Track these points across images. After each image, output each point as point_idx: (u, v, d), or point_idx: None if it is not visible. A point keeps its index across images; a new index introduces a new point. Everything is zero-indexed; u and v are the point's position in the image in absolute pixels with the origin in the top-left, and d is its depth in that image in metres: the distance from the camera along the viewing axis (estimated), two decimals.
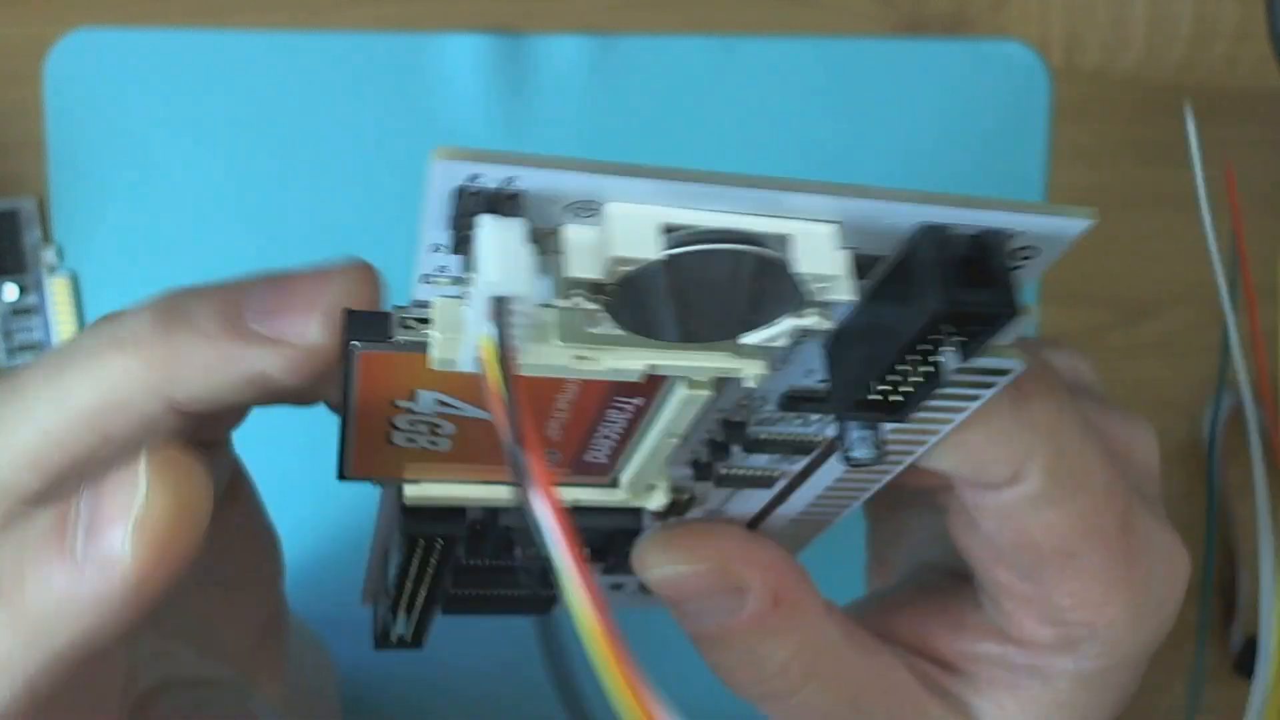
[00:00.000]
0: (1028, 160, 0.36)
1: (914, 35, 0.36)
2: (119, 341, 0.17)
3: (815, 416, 0.18)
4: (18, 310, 0.34)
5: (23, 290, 0.34)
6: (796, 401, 0.17)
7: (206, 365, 0.17)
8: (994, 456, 0.18)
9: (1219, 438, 0.37)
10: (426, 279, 0.15)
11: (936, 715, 0.21)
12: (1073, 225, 0.14)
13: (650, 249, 0.13)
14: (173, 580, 0.15)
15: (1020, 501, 0.19)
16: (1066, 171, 0.36)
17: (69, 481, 0.17)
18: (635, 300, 0.14)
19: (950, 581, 0.23)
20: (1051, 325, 0.37)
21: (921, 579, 0.24)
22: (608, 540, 0.20)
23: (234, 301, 0.17)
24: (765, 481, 0.20)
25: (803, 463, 0.19)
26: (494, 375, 0.13)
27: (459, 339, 0.14)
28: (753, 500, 0.21)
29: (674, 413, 0.16)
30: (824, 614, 0.21)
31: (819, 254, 0.14)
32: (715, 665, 0.21)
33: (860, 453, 0.17)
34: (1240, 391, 0.34)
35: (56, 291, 0.34)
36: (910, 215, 0.14)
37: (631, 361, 0.15)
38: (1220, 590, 0.38)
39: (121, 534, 0.15)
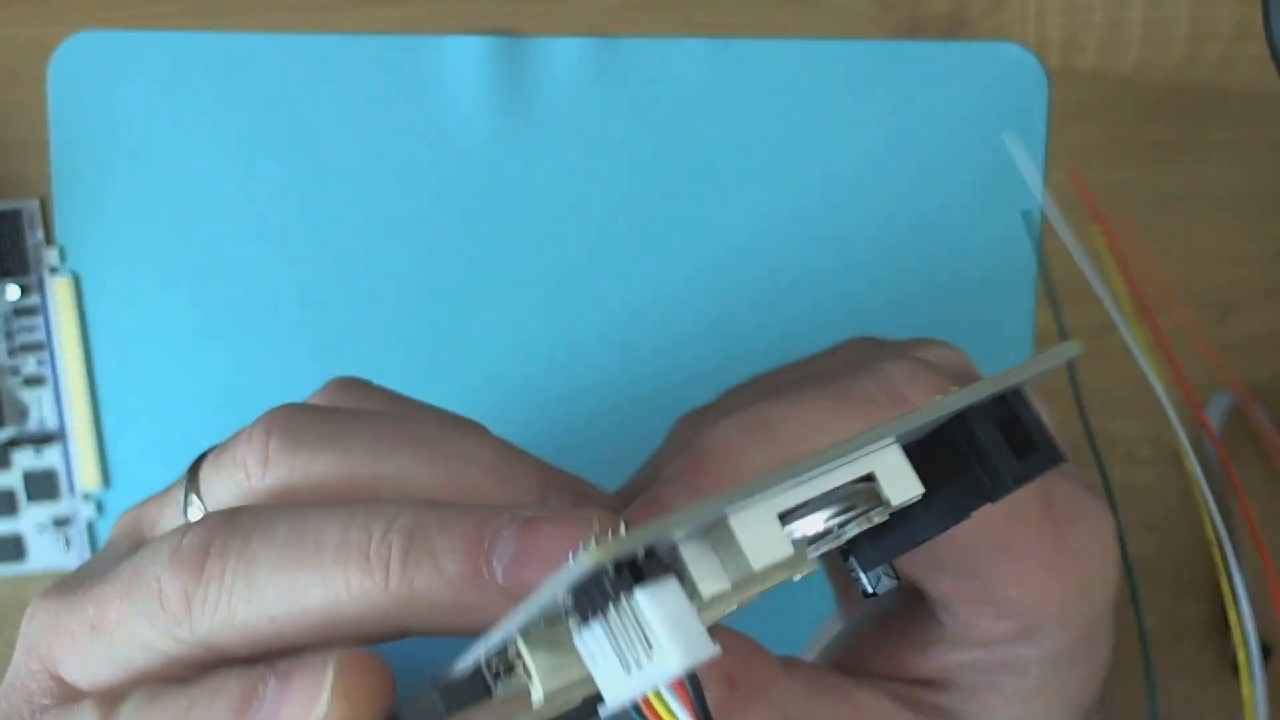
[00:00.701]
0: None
1: (912, 38, 0.36)
2: (362, 555, 0.17)
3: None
4: (19, 310, 0.34)
5: (24, 290, 0.34)
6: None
7: (443, 608, 0.16)
8: None
9: (1219, 438, 0.37)
10: (524, 630, 0.14)
11: None
12: (1066, 354, 0.15)
13: (784, 548, 0.14)
14: None
15: None
16: (1064, 173, 0.36)
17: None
18: None
19: (909, 599, 0.23)
20: (1052, 325, 0.37)
21: (881, 605, 0.24)
22: None
23: (478, 540, 0.17)
24: None
25: None
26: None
27: (577, 668, 0.14)
28: None
29: None
30: (784, 676, 0.21)
31: (900, 483, 0.15)
32: None
33: (885, 586, 0.18)
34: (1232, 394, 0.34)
35: (58, 292, 0.34)
36: (947, 407, 0.15)
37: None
38: (1219, 589, 0.38)
39: None
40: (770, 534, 0.14)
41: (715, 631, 0.21)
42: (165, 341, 0.34)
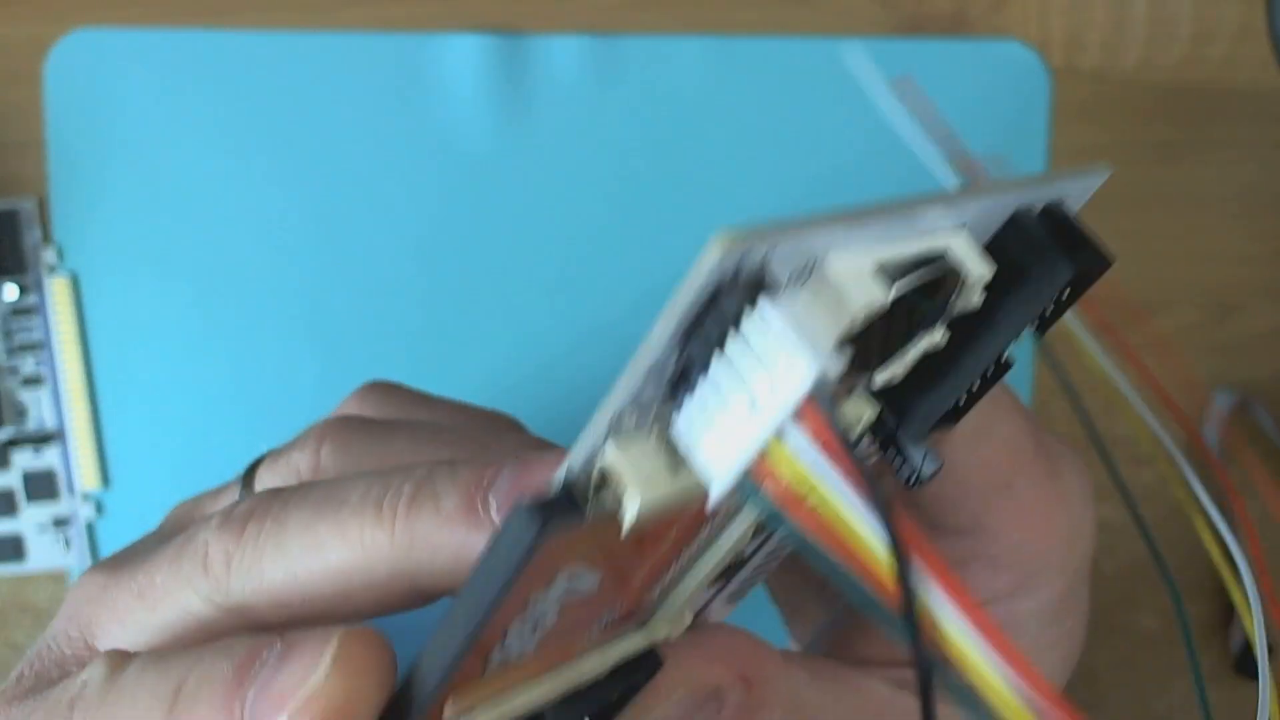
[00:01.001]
0: (1028, 161, 0.36)
1: (914, 36, 0.36)
2: (376, 506, 0.17)
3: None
4: (18, 310, 0.34)
5: (23, 290, 0.34)
6: None
7: (441, 550, 0.16)
8: None
9: (1219, 438, 0.37)
10: (617, 420, 0.13)
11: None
12: (1097, 180, 0.15)
13: (881, 292, 0.13)
14: None
15: (955, 443, 0.19)
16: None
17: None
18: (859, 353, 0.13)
19: None
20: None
21: None
22: (627, 693, 0.19)
23: (479, 480, 0.17)
24: (738, 566, 0.19)
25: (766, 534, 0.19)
26: (801, 481, 0.11)
27: (670, 474, 0.13)
28: (709, 590, 0.20)
29: (741, 528, 0.16)
30: (788, 668, 0.21)
31: (973, 259, 0.14)
32: None
33: (931, 466, 0.16)
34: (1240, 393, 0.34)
35: (56, 291, 0.34)
36: (1006, 204, 0.14)
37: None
38: (1221, 590, 0.38)
39: (289, 710, 0.15)
40: (867, 276, 0.12)
41: (721, 630, 0.21)
42: (164, 340, 0.34)
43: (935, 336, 0.14)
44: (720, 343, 0.12)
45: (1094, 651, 0.24)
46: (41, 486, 0.34)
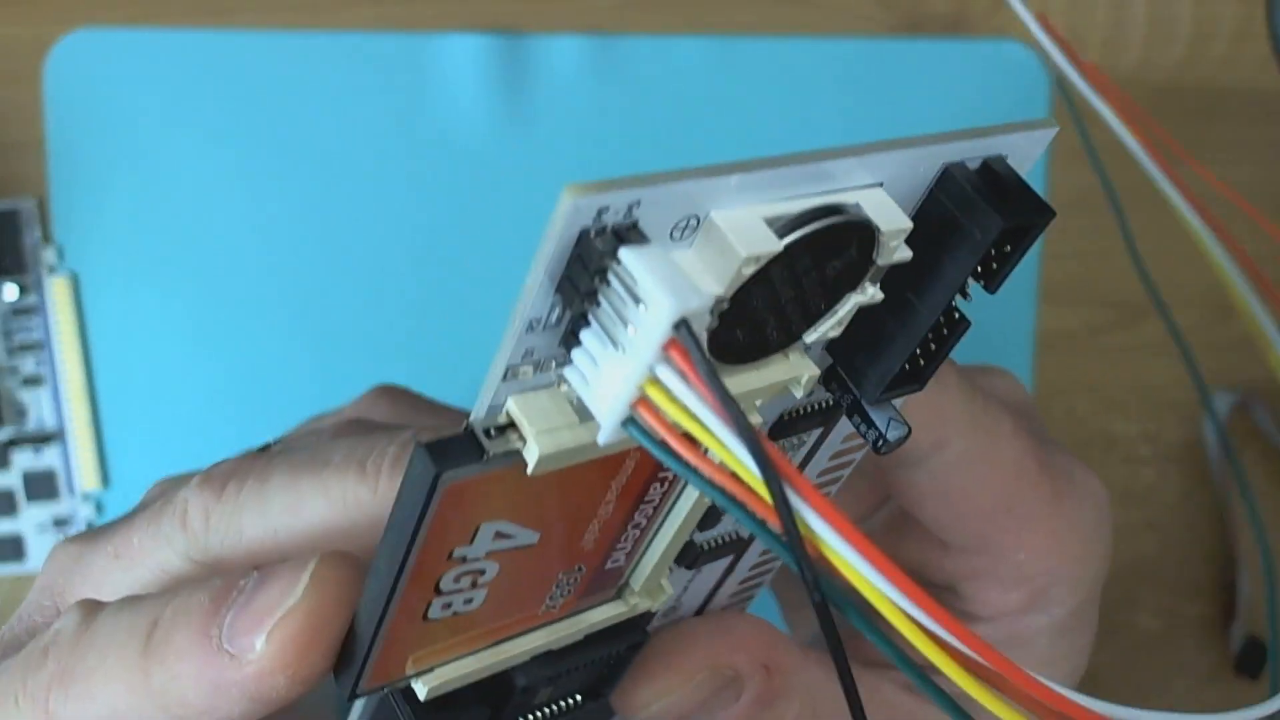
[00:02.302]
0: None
1: (913, 35, 0.36)
2: (360, 465, 0.17)
3: (812, 436, 0.18)
4: (18, 310, 0.34)
5: (23, 290, 0.34)
6: (788, 426, 0.17)
7: None
8: (917, 423, 0.18)
9: (1219, 438, 0.37)
10: (512, 373, 0.13)
11: (933, 715, 0.22)
12: (1045, 135, 0.15)
13: (771, 242, 0.13)
14: (295, 689, 0.15)
15: (952, 465, 0.19)
16: (1066, 171, 0.36)
17: None
18: (743, 314, 0.13)
19: None
20: (1052, 325, 0.37)
21: None
22: (616, 664, 0.19)
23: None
24: (737, 545, 0.19)
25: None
26: (679, 416, 0.12)
27: (571, 422, 0.13)
28: (708, 578, 0.20)
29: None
30: (808, 662, 0.21)
31: (887, 212, 0.14)
32: None
33: (896, 432, 0.16)
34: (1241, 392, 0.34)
35: (56, 291, 0.34)
36: (931, 158, 0.14)
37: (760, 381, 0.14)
38: (1221, 590, 0.38)
39: (266, 629, 0.15)
40: (756, 228, 0.13)
41: (745, 618, 0.21)
42: (164, 340, 0.34)
43: (868, 293, 0.14)
44: (593, 294, 0.12)
45: (1094, 652, 0.24)
46: (41, 487, 0.34)
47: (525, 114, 0.35)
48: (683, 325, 0.12)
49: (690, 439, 0.12)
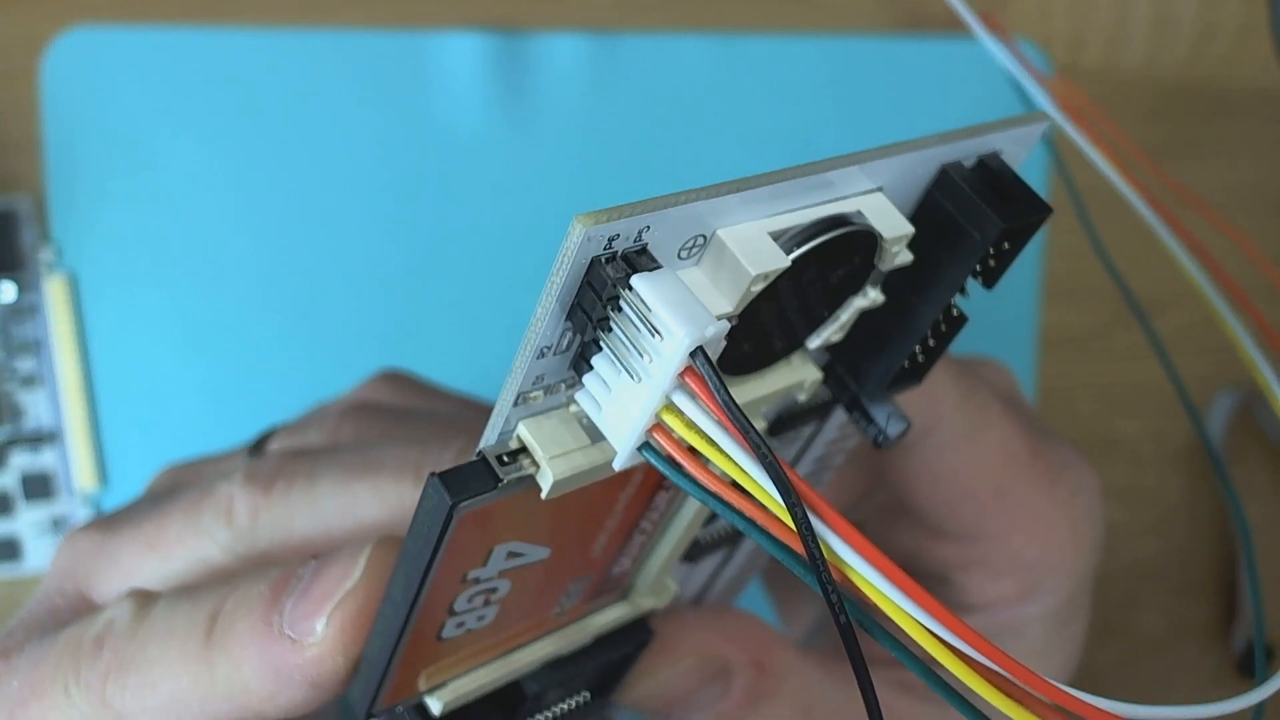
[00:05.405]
0: (1029, 159, 0.36)
1: (914, 33, 0.36)
2: (415, 469, 0.18)
3: (808, 428, 0.18)
4: (15, 310, 0.33)
5: (20, 289, 0.33)
6: (786, 423, 0.17)
7: None
8: (909, 409, 0.19)
9: (1220, 438, 0.37)
10: (523, 398, 0.13)
11: (928, 714, 0.21)
12: (1035, 129, 0.15)
13: (779, 258, 0.13)
14: (350, 672, 0.16)
15: (942, 447, 0.20)
16: (1068, 170, 0.36)
17: None
18: (750, 328, 0.13)
19: None
20: (1052, 325, 0.37)
21: None
22: (623, 662, 0.19)
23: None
24: (733, 538, 0.19)
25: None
26: (694, 439, 0.12)
27: (583, 444, 0.14)
28: (704, 570, 0.20)
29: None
30: (804, 662, 0.21)
31: (889, 219, 0.14)
32: None
33: (896, 428, 0.16)
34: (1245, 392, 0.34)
35: (54, 291, 0.33)
36: (927, 160, 0.14)
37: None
38: (1222, 590, 0.38)
39: (326, 611, 0.16)
40: (762, 244, 0.13)
41: (738, 612, 0.20)
42: (162, 339, 0.34)
43: (869, 297, 0.14)
44: (605, 320, 0.12)
45: (1096, 652, 0.24)
46: (39, 487, 0.34)
47: (524, 112, 0.35)
48: (699, 353, 0.12)
49: (698, 455, 0.12)
